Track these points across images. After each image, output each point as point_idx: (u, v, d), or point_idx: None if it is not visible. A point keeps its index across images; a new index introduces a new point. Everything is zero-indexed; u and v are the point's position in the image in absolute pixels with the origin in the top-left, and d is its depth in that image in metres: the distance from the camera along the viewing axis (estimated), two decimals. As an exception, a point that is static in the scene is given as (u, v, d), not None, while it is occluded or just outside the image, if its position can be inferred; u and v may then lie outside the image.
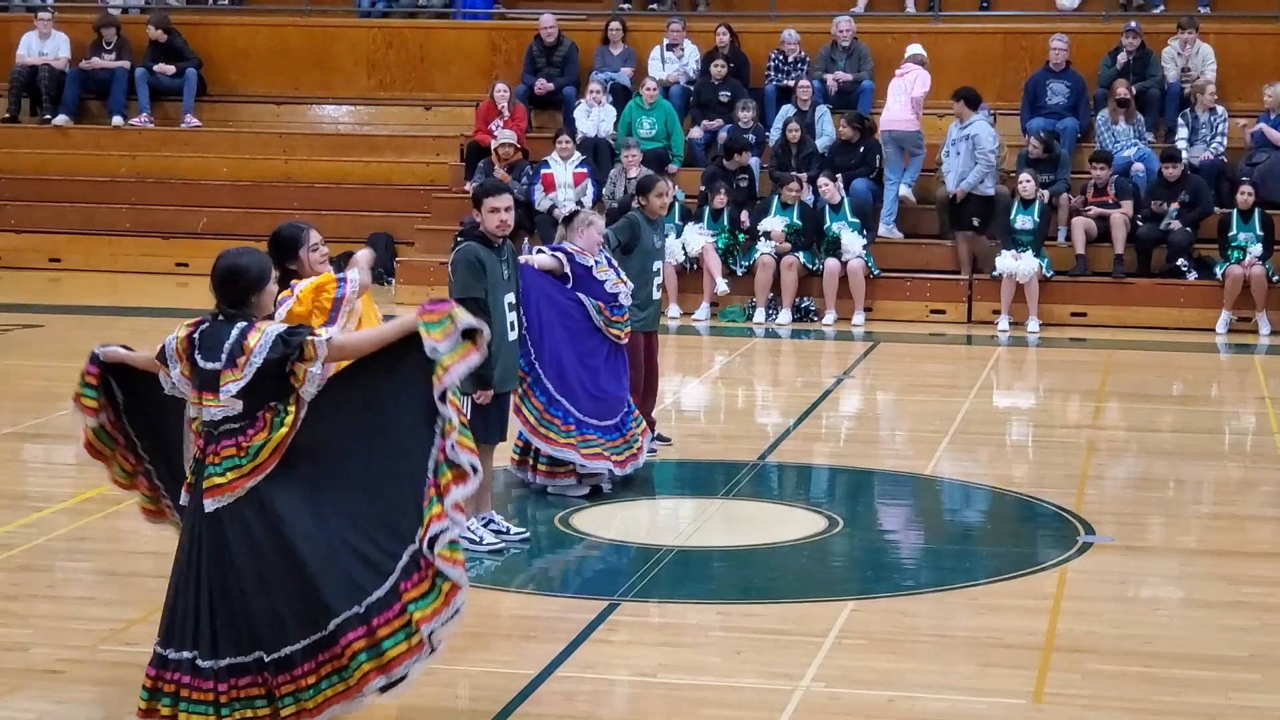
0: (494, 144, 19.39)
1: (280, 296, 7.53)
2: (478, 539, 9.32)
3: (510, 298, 9.46)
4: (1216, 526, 10.59)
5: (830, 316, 18.33)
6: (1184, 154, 18.82)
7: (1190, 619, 8.57)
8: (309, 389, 6.40)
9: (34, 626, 8.12)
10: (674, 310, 18.17)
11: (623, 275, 10.82)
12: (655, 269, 11.52)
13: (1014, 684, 7.51)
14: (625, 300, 10.73)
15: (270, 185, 21.44)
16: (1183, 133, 19.39)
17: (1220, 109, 19.39)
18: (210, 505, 6.43)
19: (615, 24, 21.30)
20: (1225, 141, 19.30)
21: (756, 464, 11.74)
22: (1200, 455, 12.50)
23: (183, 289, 19.57)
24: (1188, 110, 19.53)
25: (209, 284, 6.53)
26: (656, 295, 11.58)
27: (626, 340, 10.79)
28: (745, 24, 21.57)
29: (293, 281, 7.83)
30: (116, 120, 22.14)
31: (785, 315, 18.33)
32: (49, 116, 22.23)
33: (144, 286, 19.70)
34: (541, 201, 18.84)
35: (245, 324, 6.45)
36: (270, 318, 6.72)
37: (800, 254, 18.42)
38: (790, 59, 20.77)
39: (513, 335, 9.54)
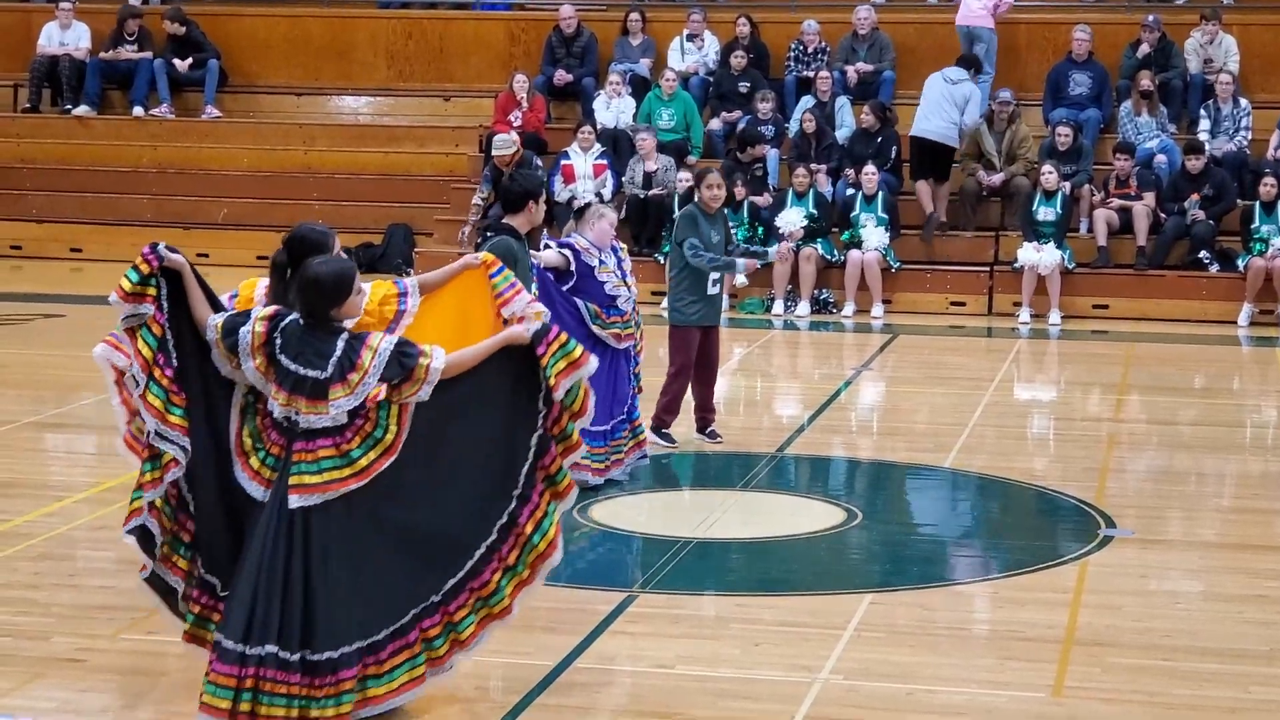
0: (492, 152, 19.03)
1: None
2: None
3: (533, 291, 9.48)
4: (1237, 520, 10.56)
5: (849, 308, 18.30)
6: (1207, 146, 18.77)
7: (1211, 613, 8.54)
8: (410, 401, 6.52)
9: (55, 615, 8.13)
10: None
11: (629, 278, 10.82)
12: None
13: (1033, 677, 7.50)
14: (625, 304, 10.70)
15: (290, 176, 21.47)
16: (1205, 124, 19.34)
17: (1243, 101, 19.33)
18: (296, 502, 6.45)
19: (635, 15, 21.29)
20: (1249, 134, 19.23)
21: (775, 456, 11.73)
22: (1221, 449, 12.46)
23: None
24: (1210, 102, 19.47)
25: (295, 291, 6.60)
26: (713, 290, 11.52)
27: (627, 344, 10.75)
28: (765, 14, 21.54)
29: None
30: (137, 111, 22.17)
31: (804, 307, 18.31)
32: (69, 107, 22.27)
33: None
34: (561, 193, 18.83)
35: (350, 336, 6.49)
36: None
37: (818, 244, 18.39)
38: (810, 50, 20.73)
39: None
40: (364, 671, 6.58)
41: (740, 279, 17.94)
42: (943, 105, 18.69)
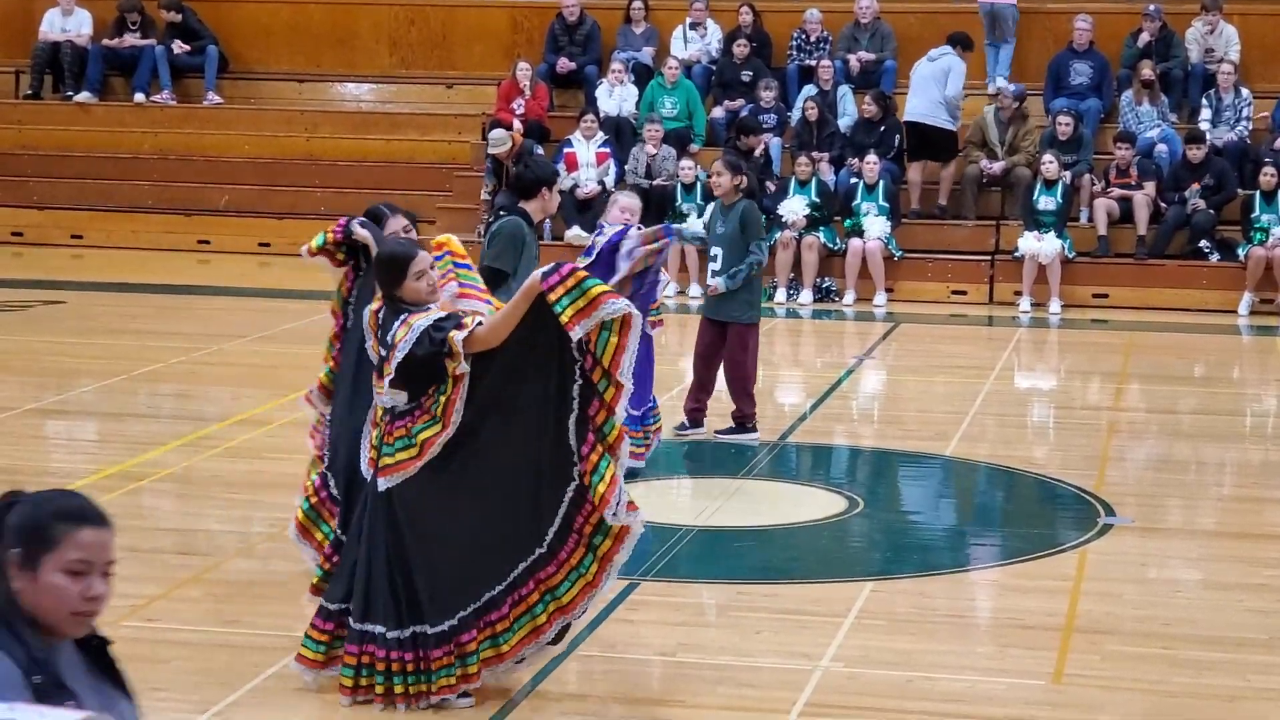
0: (488, 150, 19.03)
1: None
2: None
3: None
4: (1237, 509, 10.58)
5: (851, 297, 18.31)
6: (1207, 135, 18.77)
7: (1210, 601, 8.56)
8: (458, 373, 6.60)
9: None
10: (694, 290, 18.15)
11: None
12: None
13: (1033, 665, 7.52)
14: (658, 290, 10.73)
15: (292, 163, 21.46)
16: (1206, 114, 19.34)
17: (1244, 91, 19.33)
18: (383, 484, 6.69)
19: (637, 3, 21.27)
20: (1250, 124, 19.23)
21: (776, 444, 11.74)
22: (1221, 437, 12.47)
23: (204, 266, 19.62)
24: (1212, 91, 19.47)
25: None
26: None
27: (656, 329, 10.78)
28: (768, 3, 21.50)
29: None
30: (139, 97, 22.17)
31: (806, 295, 18.32)
32: (71, 93, 22.26)
33: (166, 263, 19.72)
34: (563, 181, 18.83)
35: (402, 315, 6.67)
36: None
37: (821, 232, 18.40)
38: (812, 38, 20.73)
39: None
40: (493, 631, 6.77)
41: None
42: (925, 85, 18.78)
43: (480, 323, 6.64)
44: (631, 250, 10.14)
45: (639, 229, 10.40)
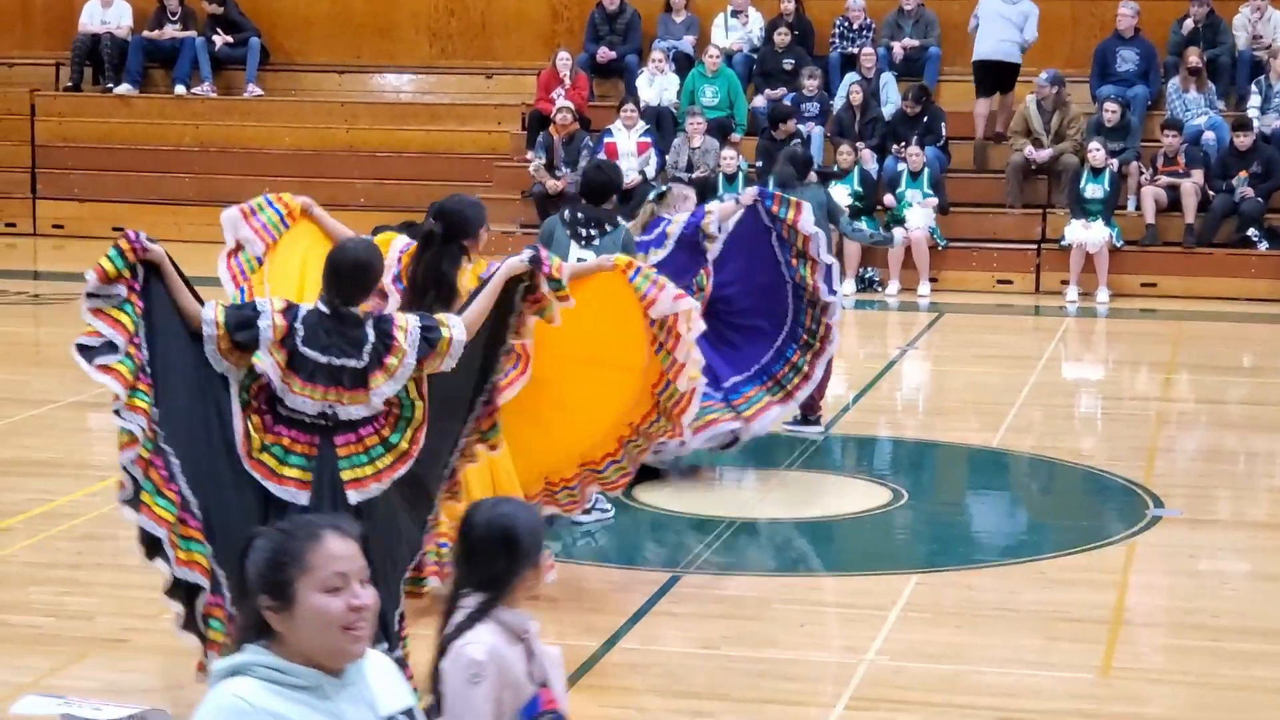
0: (554, 111, 19.26)
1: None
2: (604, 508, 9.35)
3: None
4: (1287, 500, 10.47)
5: (894, 287, 18.20)
6: (1255, 122, 18.60)
7: (1258, 593, 8.47)
8: (432, 370, 6.39)
9: (99, 595, 8.14)
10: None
11: None
12: None
13: (1081, 658, 7.44)
14: None
15: (332, 154, 21.45)
16: (1254, 101, 19.17)
17: (1293, 77, 19.15)
18: (356, 498, 6.27)
19: (678, -9, 21.19)
20: (1298, 111, 19.06)
21: (820, 435, 11.65)
22: (1270, 428, 12.34)
23: (246, 258, 19.62)
24: (1261, 78, 19.29)
25: (324, 276, 6.35)
26: None
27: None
28: (809, -9, 21.41)
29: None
30: (179, 89, 22.19)
31: (849, 285, 18.21)
32: (111, 85, 22.30)
33: (207, 255, 19.66)
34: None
35: (376, 319, 6.29)
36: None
37: (864, 221, 18.29)
38: (855, 26, 20.60)
39: None
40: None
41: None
42: (1003, 25, 19.09)
43: (458, 317, 6.47)
44: (718, 219, 10.20)
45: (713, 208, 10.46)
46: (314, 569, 3.31)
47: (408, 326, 6.28)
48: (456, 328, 6.36)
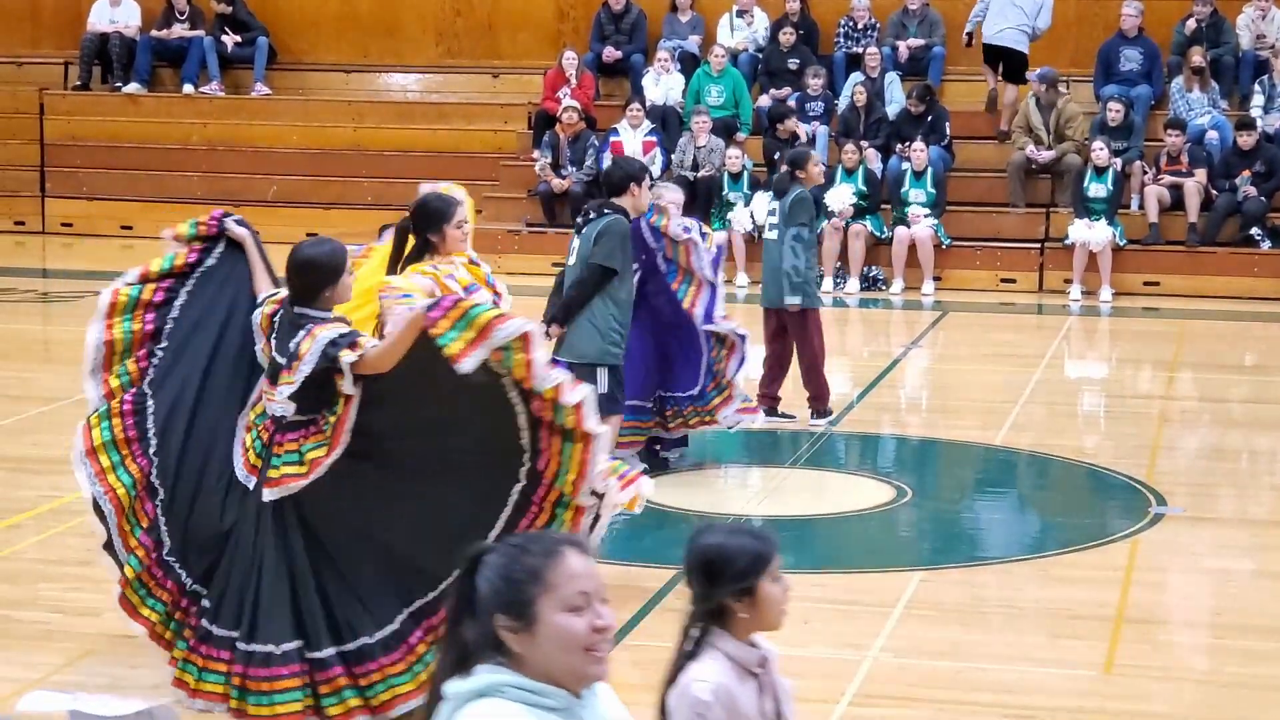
0: (559, 110, 19.32)
1: (411, 273, 7.42)
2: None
3: None
4: (1290, 498, 10.50)
5: (898, 285, 18.23)
6: (1259, 122, 18.63)
7: (1261, 590, 8.50)
8: (346, 393, 6.36)
9: (107, 592, 8.15)
10: (742, 279, 18.12)
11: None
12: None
13: (1084, 655, 7.47)
14: None
15: (339, 153, 21.50)
16: (1258, 100, 19.20)
17: (1296, 76, 19.18)
18: (269, 495, 6.45)
19: (683, -9, 21.22)
20: (1301, 110, 19.09)
21: (824, 433, 11.70)
22: (1273, 426, 12.37)
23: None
24: (1264, 78, 19.32)
25: (286, 273, 6.55)
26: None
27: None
28: (815, -10, 21.43)
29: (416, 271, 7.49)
30: (187, 88, 22.24)
31: (853, 284, 18.25)
32: (119, 84, 22.35)
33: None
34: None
35: (312, 324, 6.39)
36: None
37: (868, 220, 18.34)
38: (860, 25, 20.64)
39: None
40: (436, 635, 6.41)
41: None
42: (1012, 10, 19.14)
43: (374, 345, 6.31)
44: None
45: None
46: (556, 587, 3.18)
47: (317, 336, 6.32)
48: (351, 352, 6.25)
